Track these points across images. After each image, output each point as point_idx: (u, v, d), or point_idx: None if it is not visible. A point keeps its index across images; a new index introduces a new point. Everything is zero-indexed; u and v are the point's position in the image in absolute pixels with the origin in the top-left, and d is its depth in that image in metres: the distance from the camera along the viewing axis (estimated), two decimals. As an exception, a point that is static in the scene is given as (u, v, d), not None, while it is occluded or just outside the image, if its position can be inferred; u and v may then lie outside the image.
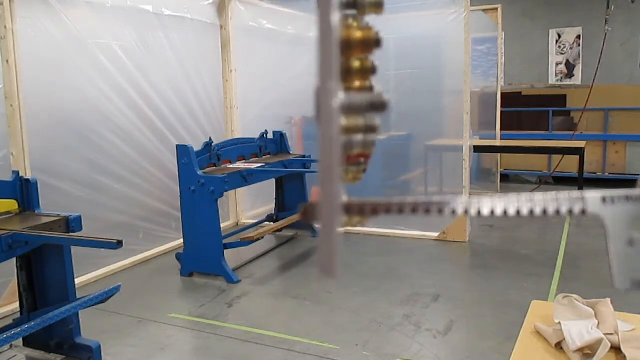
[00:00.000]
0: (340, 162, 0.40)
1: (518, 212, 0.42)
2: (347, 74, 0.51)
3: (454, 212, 0.43)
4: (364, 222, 0.49)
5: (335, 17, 0.39)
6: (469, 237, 5.12)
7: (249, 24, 5.93)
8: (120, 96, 4.54)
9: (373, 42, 0.50)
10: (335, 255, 0.40)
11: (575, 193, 0.42)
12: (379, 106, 0.51)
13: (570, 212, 0.41)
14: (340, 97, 0.45)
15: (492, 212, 0.42)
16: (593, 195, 0.40)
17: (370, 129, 0.52)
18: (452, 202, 0.43)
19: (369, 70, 0.51)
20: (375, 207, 0.44)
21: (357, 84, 0.51)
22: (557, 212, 0.42)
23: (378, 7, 0.50)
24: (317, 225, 0.40)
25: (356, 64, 0.51)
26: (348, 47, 0.50)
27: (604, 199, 0.40)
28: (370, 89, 0.51)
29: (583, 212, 0.41)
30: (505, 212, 0.42)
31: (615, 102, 7.60)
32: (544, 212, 0.42)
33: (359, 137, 0.51)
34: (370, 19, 0.52)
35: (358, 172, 0.55)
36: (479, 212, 0.43)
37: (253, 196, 6.10)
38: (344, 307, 3.62)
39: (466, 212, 0.43)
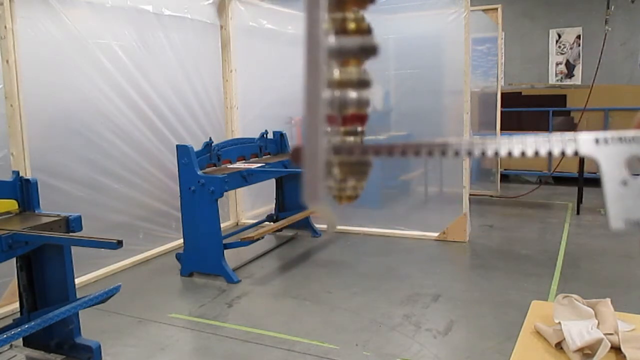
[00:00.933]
0: (325, 85, 0.40)
1: (510, 153, 0.42)
2: (343, 33, 0.50)
3: (443, 153, 0.44)
4: (359, 189, 0.49)
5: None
6: (469, 237, 5.12)
7: (249, 24, 5.93)
8: (120, 96, 4.54)
9: None
10: (319, 181, 0.40)
11: (568, 135, 0.42)
12: (370, 50, 0.50)
13: (563, 153, 0.42)
14: (327, 25, 0.45)
15: (483, 153, 0.43)
16: (586, 137, 0.40)
17: (363, 83, 0.51)
18: (442, 144, 0.43)
19: (364, 30, 0.51)
20: (364, 149, 0.45)
21: (351, 15, 0.50)
22: (549, 153, 0.42)
23: None
24: (302, 155, 0.40)
25: (352, 25, 0.50)
26: (342, 2, 0.49)
27: (596, 140, 0.40)
28: (368, 30, 0.51)
29: (576, 153, 0.41)
30: (496, 153, 0.42)
31: (615, 102, 7.60)
32: (536, 153, 0.42)
33: (352, 93, 0.50)
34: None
35: (356, 140, 0.54)
36: (469, 153, 0.43)
37: (253, 196, 6.10)
38: (344, 307, 3.62)
39: (457, 153, 0.43)
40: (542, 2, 8.49)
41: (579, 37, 8.34)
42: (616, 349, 1.45)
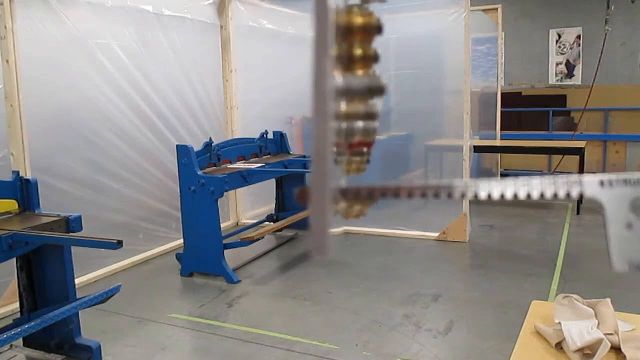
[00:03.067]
0: (332, 142, 0.40)
1: (515, 196, 0.42)
2: (349, 62, 0.50)
3: (449, 195, 0.43)
4: (364, 211, 0.49)
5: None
6: (469, 237, 5.12)
7: (249, 24, 5.93)
8: (120, 96, 4.54)
9: (374, 28, 0.50)
10: (328, 232, 0.40)
11: (573, 177, 0.42)
12: (377, 90, 0.50)
13: (568, 195, 0.41)
14: (335, 77, 0.45)
15: (490, 196, 0.42)
16: (591, 179, 0.40)
17: (370, 116, 0.51)
18: (450, 186, 0.43)
19: (371, 58, 0.51)
20: (371, 190, 0.44)
21: (359, 72, 0.51)
22: (555, 195, 0.41)
23: None
24: (309, 205, 0.40)
25: (358, 51, 0.50)
26: (349, 32, 0.50)
27: (601, 182, 0.40)
28: (375, 75, 0.51)
29: (581, 195, 0.41)
30: (502, 196, 0.42)
31: (615, 102, 7.60)
32: (542, 195, 0.42)
33: (359, 123, 0.51)
34: (374, 7, 0.52)
35: (361, 162, 0.55)
36: (476, 196, 0.42)
37: (253, 196, 6.10)
38: (344, 307, 3.62)
39: (463, 195, 0.43)
40: (542, 2, 8.49)
41: (579, 37, 8.34)
42: (616, 349, 1.45)
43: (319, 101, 0.39)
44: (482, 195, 0.42)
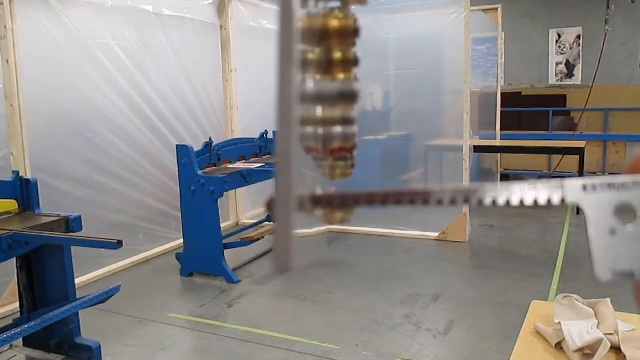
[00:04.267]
0: (296, 149, 0.39)
1: (494, 203, 0.41)
2: (328, 66, 0.49)
3: (425, 202, 0.42)
4: (347, 217, 0.48)
5: (296, 2, 0.38)
6: (469, 237, 5.12)
7: (249, 24, 5.93)
8: (120, 96, 4.54)
9: (351, 31, 0.49)
10: (292, 247, 0.38)
11: (555, 182, 0.40)
12: (350, 96, 0.49)
13: (549, 201, 0.40)
14: (302, 82, 0.44)
15: (467, 202, 0.41)
16: (573, 184, 0.38)
17: (347, 121, 0.50)
18: (428, 191, 0.42)
19: (350, 62, 0.50)
20: (344, 198, 0.43)
21: (340, 76, 0.49)
22: (535, 202, 0.40)
23: None
24: (273, 216, 0.39)
25: (337, 55, 0.49)
26: (325, 36, 0.48)
27: (584, 187, 0.38)
28: (351, 77, 0.50)
29: (562, 201, 0.39)
30: (480, 203, 0.41)
31: (615, 102, 7.60)
32: (521, 202, 0.41)
33: (337, 129, 0.49)
34: (355, 10, 0.50)
35: (346, 167, 0.53)
36: (453, 202, 0.41)
37: (253, 196, 6.10)
38: (344, 307, 3.62)
39: (440, 202, 0.42)
40: (542, 2, 8.49)
41: (579, 37, 8.34)
42: (616, 349, 1.45)
43: (283, 107, 0.38)
44: (460, 202, 0.41)
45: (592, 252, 0.38)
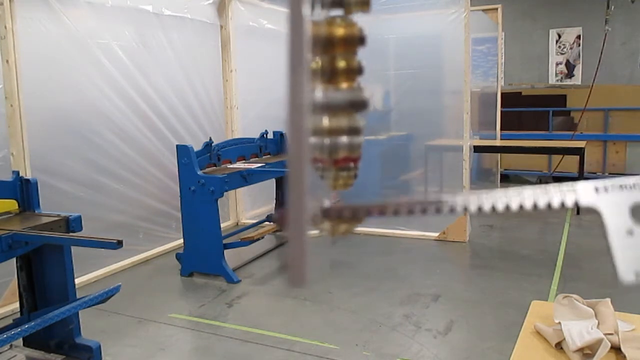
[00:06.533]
0: (308, 164, 0.38)
1: (507, 208, 0.40)
2: (332, 74, 0.48)
3: (437, 210, 0.41)
4: (351, 229, 0.47)
5: (306, 9, 0.37)
6: (469, 237, 5.12)
7: (249, 24, 5.93)
8: (120, 96, 4.54)
9: (356, 40, 0.48)
10: (306, 263, 0.38)
11: (567, 185, 0.40)
12: (359, 105, 0.48)
13: (563, 204, 0.40)
14: (311, 93, 0.43)
15: (480, 209, 0.41)
16: (585, 186, 0.38)
17: (354, 131, 0.49)
18: (438, 200, 0.41)
19: (355, 71, 0.49)
20: (355, 210, 0.42)
21: (343, 85, 0.48)
22: (549, 205, 0.40)
23: (364, 5, 0.48)
24: (287, 231, 0.38)
25: (341, 64, 0.48)
26: (330, 44, 0.47)
27: (596, 189, 0.37)
28: (359, 86, 0.49)
29: (576, 204, 0.39)
30: (493, 209, 0.40)
31: (615, 102, 7.60)
32: (535, 206, 0.40)
33: (343, 139, 0.49)
34: (360, 18, 0.50)
35: (349, 177, 0.53)
36: (465, 209, 0.41)
37: (253, 196, 6.10)
38: (344, 307, 3.62)
39: (452, 210, 0.41)
40: (542, 2, 8.49)
41: (579, 37, 8.34)
42: (616, 349, 1.45)
43: (295, 118, 0.37)
44: (473, 208, 0.40)
45: (612, 254, 0.37)
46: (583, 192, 0.38)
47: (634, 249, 0.36)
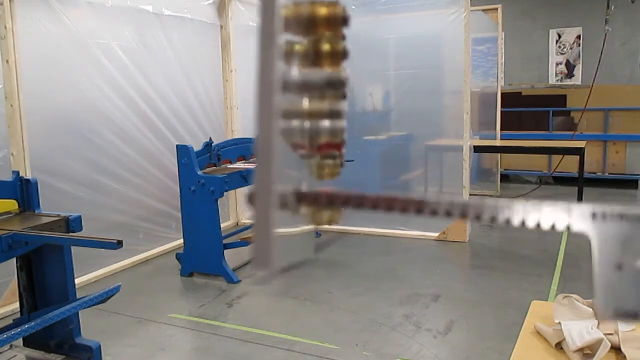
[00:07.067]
0: (277, 142, 0.36)
1: (493, 219, 0.38)
2: (316, 58, 0.47)
3: (419, 211, 0.39)
4: (336, 217, 0.45)
5: None
6: (469, 237, 5.12)
7: (249, 24, 5.93)
8: (120, 96, 4.54)
9: (339, 19, 0.46)
10: (271, 245, 0.36)
11: (562, 205, 0.35)
12: (337, 83, 0.46)
13: (553, 227, 0.36)
14: (283, 69, 0.41)
15: (463, 216, 0.39)
16: (582, 210, 0.34)
17: (335, 114, 0.47)
18: (423, 201, 0.39)
19: (339, 54, 0.47)
20: (331, 197, 0.40)
21: (327, 69, 0.47)
22: (538, 225, 0.36)
23: None
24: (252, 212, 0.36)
25: (326, 47, 0.46)
26: (313, 24, 0.46)
27: (593, 215, 0.34)
28: (338, 66, 0.47)
29: (567, 228, 0.35)
30: (477, 217, 0.38)
31: (615, 102, 7.60)
32: (522, 223, 0.37)
33: (324, 123, 0.46)
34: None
35: (335, 166, 0.50)
36: (448, 214, 0.39)
37: (253, 196, 6.09)
38: (344, 307, 3.62)
39: (434, 212, 0.39)
40: (542, 2, 8.49)
41: (579, 37, 8.34)
42: (616, 349, 1.45)
43: (263, 96, 0.35)
44: (457, 215, 0.39)
45: (594, 287, 0.35)
46: (578, 216, 0.35)
47: (618, 286, 0.34)
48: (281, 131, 0.38)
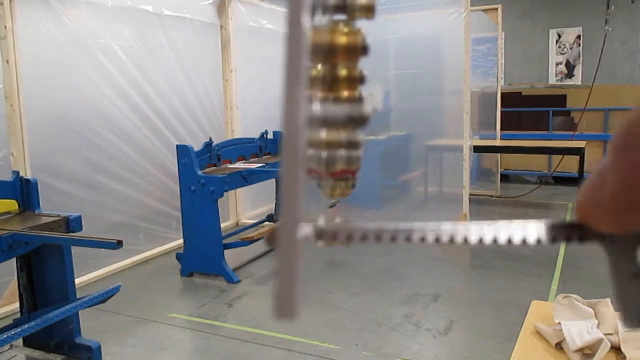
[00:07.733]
0: (303, 184, 0.35)
1: (495, 240, 0.37)
2: (332, 83, 0.47)
3: (422, 239, 0.39)
4: (346, 244, 0.45)
5: (306, 16, 0.35)
6: (469, 237, 5.11)
7: (249, 24, 5.93)
8: (120, 96, 4.54)
9: (359, 49, 0.46)
10: (295, 293, 0.34)
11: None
12: (359, 120, 0.46)
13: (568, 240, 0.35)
14: (308, 107, 0.40)
15: (464, 240, 0.38)
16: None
17: (353, 145, 0.47)
18: (425, 230, 0.38)
19: (356, 80, 0.47)
20: (350, 233, 0.39)
21: (344, 94, 0.47)
22: (538, 241, 0.35)
23: (369, 11, 0.46)
24: (276, 256, 0.35)
25: (343, 72, 0.47)
26: (331, 53, 0.46)
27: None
28: (359, 99, 0.47)
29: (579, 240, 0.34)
30: (480, 240, 0.38)
31: (615, 102, 7.60)
32: (524, 241, 0.36)
33: (341, 152, 0.47)
34: (362, 23, 0.48)
35: (347, 187, 0.52)
36: (465, 240, 0.38)
37: (253, 196, 6.10)
38: (344, 307, 3.62)
39: (437, 240, 0.39)
40: (542, 2, 8.49)
41: (579, 37, 8.35)
42: (616, 349, 1.45)
43: (291, 138, 0.34)
44: (473, 240, 0.38)
45: (615, 298, 0.34)
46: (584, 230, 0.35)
47: (638, 294, 0.32)
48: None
